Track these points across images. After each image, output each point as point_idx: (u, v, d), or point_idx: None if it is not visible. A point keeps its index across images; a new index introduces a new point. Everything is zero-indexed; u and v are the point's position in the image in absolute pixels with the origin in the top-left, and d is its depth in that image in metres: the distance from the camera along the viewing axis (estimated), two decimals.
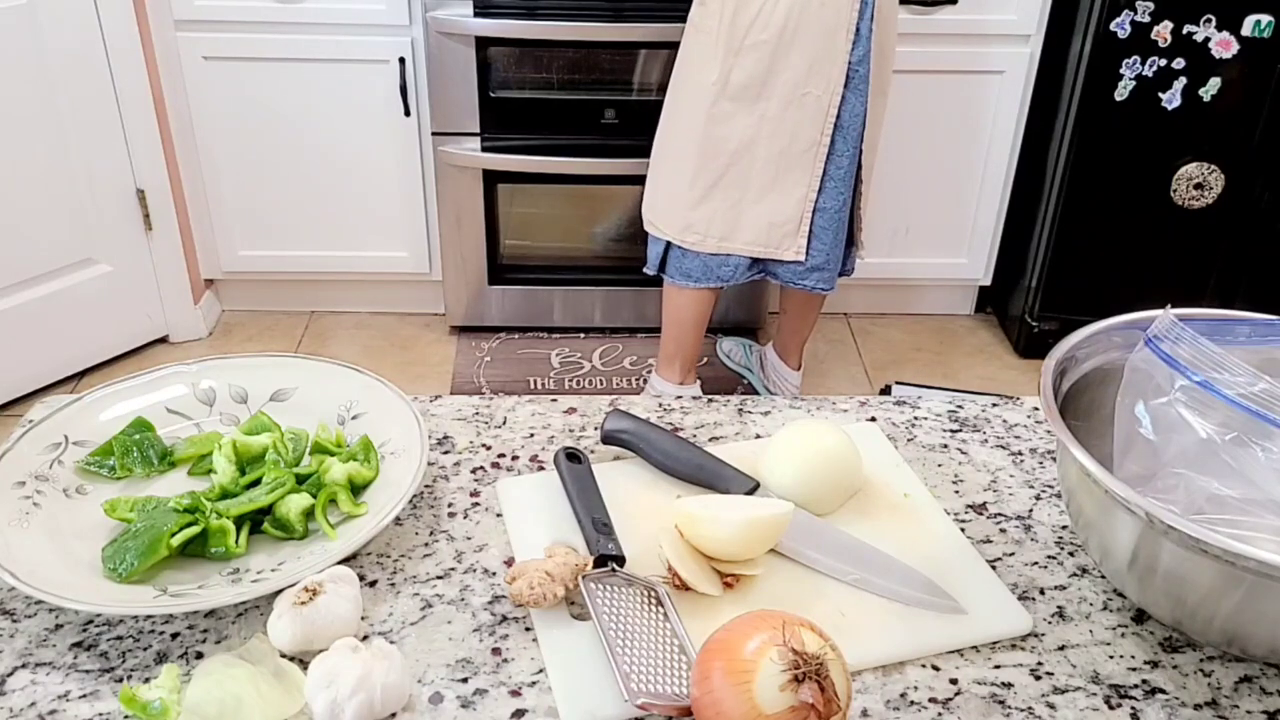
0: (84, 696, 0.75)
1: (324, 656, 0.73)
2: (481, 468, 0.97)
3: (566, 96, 2.58)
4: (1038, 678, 0.78)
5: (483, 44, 2.48)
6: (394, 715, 0.73)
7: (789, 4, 1.95)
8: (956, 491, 0.96)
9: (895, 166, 2.78)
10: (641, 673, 0.73)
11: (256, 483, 0.90)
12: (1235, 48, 2.45)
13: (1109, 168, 2.62)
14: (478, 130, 2.59)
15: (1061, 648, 0.80)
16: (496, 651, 0.78)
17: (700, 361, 2.57)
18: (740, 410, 1.06)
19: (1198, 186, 2.60)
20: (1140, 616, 0.83)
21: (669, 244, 2.24)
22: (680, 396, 1.07)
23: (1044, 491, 0.96)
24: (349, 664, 0.72)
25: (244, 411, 1.00)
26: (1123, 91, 2.52)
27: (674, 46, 2.20)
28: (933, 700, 0.76)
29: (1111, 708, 0.75)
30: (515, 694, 0.75)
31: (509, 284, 2.83)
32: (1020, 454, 1.01)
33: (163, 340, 2.83)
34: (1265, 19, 2.42)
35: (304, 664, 0.75)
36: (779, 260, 2.20)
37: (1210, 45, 2.45)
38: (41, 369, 2.60)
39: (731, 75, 2.03)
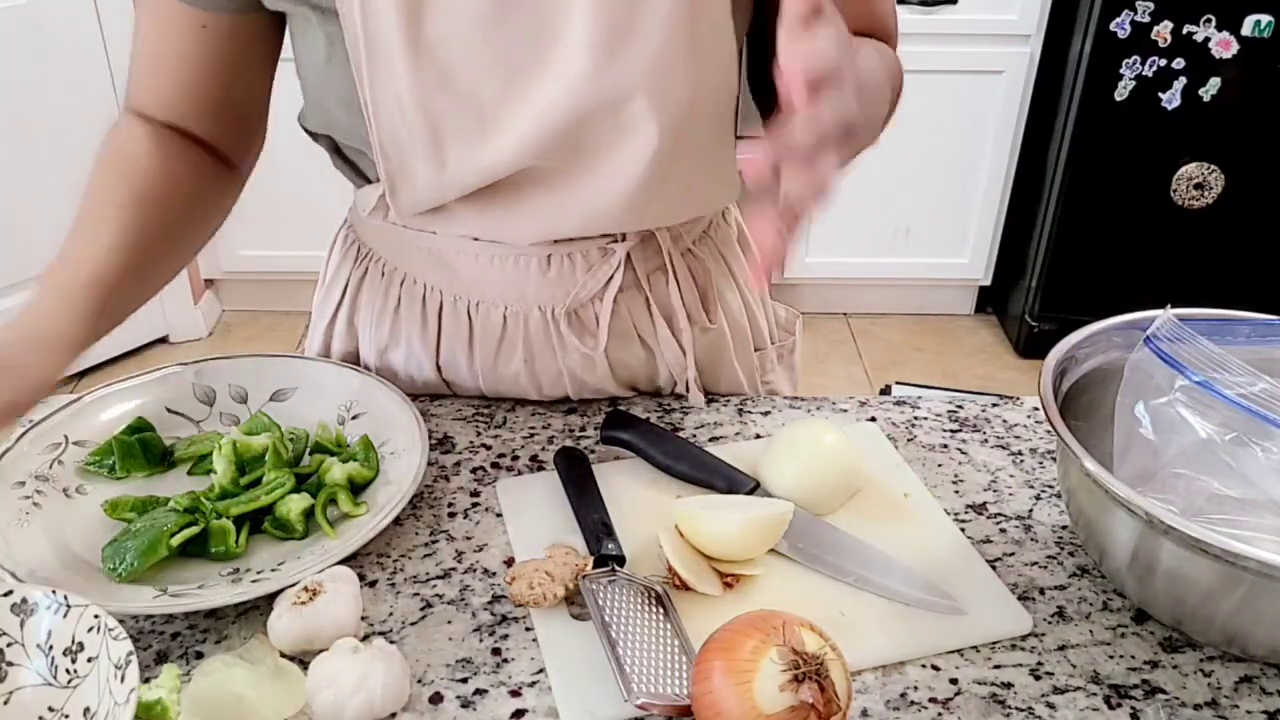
0: None
1: (324, 656, 0.73)
2: (481, 468, 0.97)
3: None
4: (1038, 678, 0.78)
5: None
6: (394, 715, 0.73)
7: None
8: (956, 491, 0.96)
9: (895, 166, 2.79)
10: (641, 673, 0.73)
11: (256, 483, 0.90)
12: (1235, 48, 2.45)
13: (1109, 167, 2.62)
14: None
15: (1061, 648, 0.80)
16: (496, 651, 0.78)
17: None
18: (740, 410, 1.06)
19: (1198, 186, 2.60)
20: (1140, 616, 0.83)
21: None
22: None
23: (1044, 491, 0.96)
24: (349, 664, 0.72)
25: (244, 411, 1.00)
26: (1123, 91, 2.52)
27: None
28: (933, 700, 0.76)
29: (1111, 708, 0.75)
30: (515, 694, 0.75)
31: None
32: (1020, 454, 1.01)
33: (163, 340, 2.84)
34: (1265, 19, 2.42)
35: (304, 664, 0.75)
36: None
37: (1210, 45, 2.45)
38: None
39: None
